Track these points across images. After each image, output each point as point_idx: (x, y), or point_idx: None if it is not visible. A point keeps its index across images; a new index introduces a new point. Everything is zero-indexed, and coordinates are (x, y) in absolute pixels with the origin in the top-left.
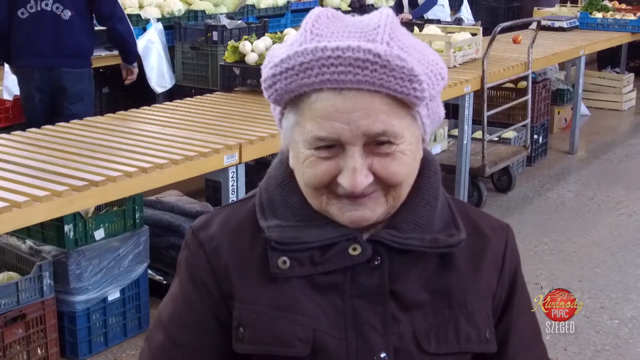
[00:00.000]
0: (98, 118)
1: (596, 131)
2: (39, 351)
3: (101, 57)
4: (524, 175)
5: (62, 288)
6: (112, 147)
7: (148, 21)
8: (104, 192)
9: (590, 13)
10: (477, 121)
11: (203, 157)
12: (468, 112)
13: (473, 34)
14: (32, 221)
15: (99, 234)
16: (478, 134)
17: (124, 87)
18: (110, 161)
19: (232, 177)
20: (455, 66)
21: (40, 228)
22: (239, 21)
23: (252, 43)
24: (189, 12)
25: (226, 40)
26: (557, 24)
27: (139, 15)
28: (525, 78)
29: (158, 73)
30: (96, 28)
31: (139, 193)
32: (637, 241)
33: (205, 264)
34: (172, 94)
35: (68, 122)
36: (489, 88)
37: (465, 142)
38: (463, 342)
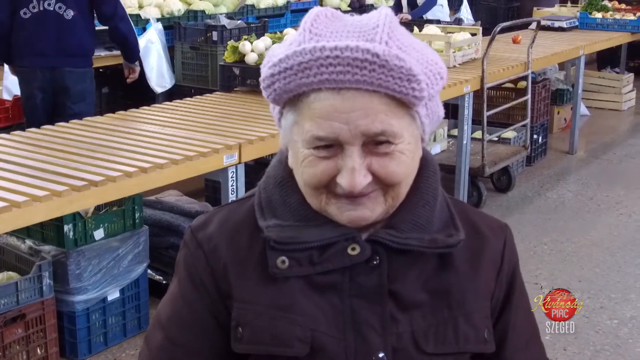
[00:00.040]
0: (98, 118)
1: (596, 131)
2: (39, 351)
3: (101, 57)
4: (524, 175)
5: (62, 288)
6: (112, 147)
7: (148, 21)
8: (104, 192)
9: (590, 13)
10: (477, 121)
11: (203, 157)
12: (468, 112)
13: (473, 34)
14: (32, 221)
15: (99, 234)
16: (478, 134)
17: (124, 87)
18: (110, 161)
19: (232, 177)
20: (454, 66)
21: (39, 228)
22: (239, 21)
23: (252, 43)
24: (189, 12)
25: (226, 40)
26: (557, 24)
27: (139, 15)
28: (525, 78)
29: (158, 73)
30: (97, 28)
31: (139, 193)
32: (637, 241)
33: (203, 264)
34: (172, 94)
35: (68, 122)
36: (489, 88)
37: (464, 142)
38: (461, 342)
